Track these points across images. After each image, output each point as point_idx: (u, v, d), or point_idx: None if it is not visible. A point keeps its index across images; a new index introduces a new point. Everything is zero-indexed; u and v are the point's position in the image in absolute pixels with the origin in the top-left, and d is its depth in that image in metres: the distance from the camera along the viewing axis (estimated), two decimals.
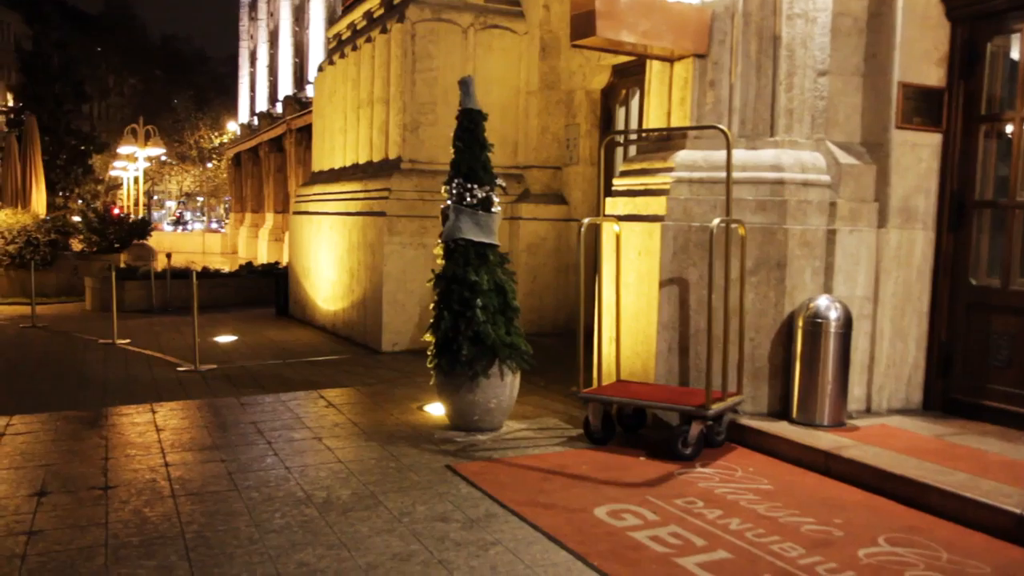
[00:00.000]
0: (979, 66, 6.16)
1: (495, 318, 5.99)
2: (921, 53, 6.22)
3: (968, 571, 3.86)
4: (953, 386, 6.27)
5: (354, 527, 4.30)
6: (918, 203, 6.31)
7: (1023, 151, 5.94)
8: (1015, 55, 6.09)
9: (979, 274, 6.27)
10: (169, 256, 17.36)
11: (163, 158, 40.57)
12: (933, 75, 6.27)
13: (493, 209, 6.13)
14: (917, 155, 6.28)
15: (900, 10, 6.13)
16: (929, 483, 4.64)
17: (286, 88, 31.16)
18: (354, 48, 11.85)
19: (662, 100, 6.73)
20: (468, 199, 6.08)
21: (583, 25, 6.27)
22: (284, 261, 17.89)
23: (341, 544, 4.08)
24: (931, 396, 6.37)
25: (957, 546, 4.13)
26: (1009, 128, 6.08)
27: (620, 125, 9.86)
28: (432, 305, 6.22)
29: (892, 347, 6.26)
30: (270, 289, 14.69)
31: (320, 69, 14.03)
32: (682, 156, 6.31)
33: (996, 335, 5.99)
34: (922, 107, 6.25)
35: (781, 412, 5.98)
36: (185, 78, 52.89)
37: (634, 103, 9.56)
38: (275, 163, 27.63)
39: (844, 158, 6.19)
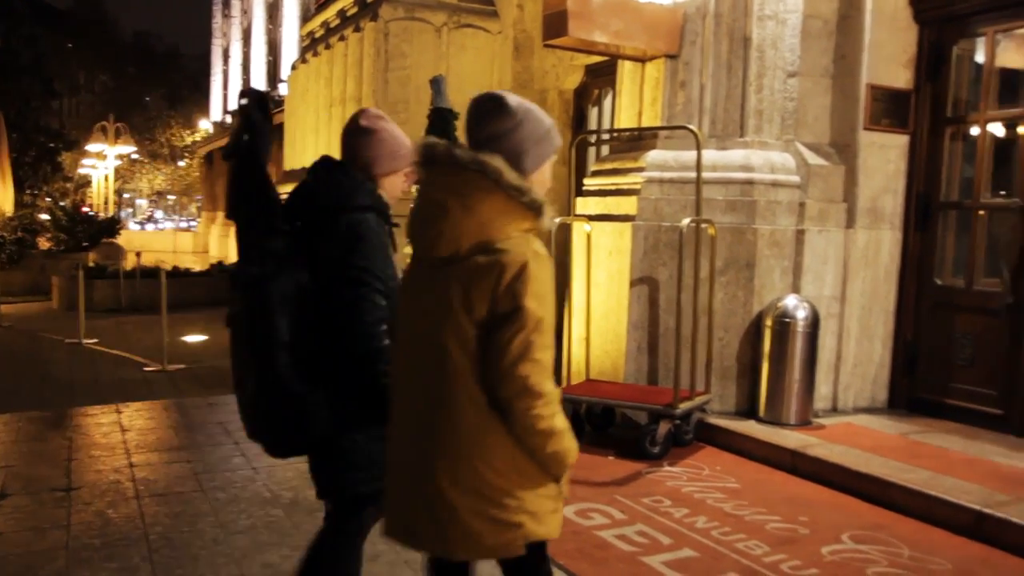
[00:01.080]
0: (945, 69, 6.23)
1: None
2: (889, 55, 6.28)
3: (929, 567, 3.90)
4: (918, 385, 6.34)
5: (320, 527, 4.26)
6: (885, 204, 6.37)
7: (987, 153, 6.02)
8: (980, 58, 6.16)
9: (944, 274, 6.34)
10: (138, 255, 17.17)
11: (134, 156, 40.15)
12: (901, 77, 6.33)
13: None
14: (885, 156, 6.33)
15: (869, 12, 6.18)
16: (893, 481, 4.69)
17: (259, 86, 30.92)
18: (327, 47, 11.80)
19: (633, 100, 6.74)
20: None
21: (555, 25, 6.28)
22: None
23: (307, 545, 4.04)
24: (896, 395, 6.44)
25: (919, 543, 4.17)
26: (974, 130, 6.15)
27: (593, 125, 9.88)
28: None
29: (859, 346, 6.32)
30: None
31: (293, 67, 13.97)
32: (653, 156, 6.33)
33: (960, 334, 6.05)
34: (890, 109, 6.30)
35: (749, 411, 6.02)
36: (157, 75, 52.37)
37: (607, 103, 9.58)
38: None
39: (813, 159, 6.24)
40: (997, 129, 6.16)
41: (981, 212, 6.09)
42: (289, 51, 26.42)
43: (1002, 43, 6.02)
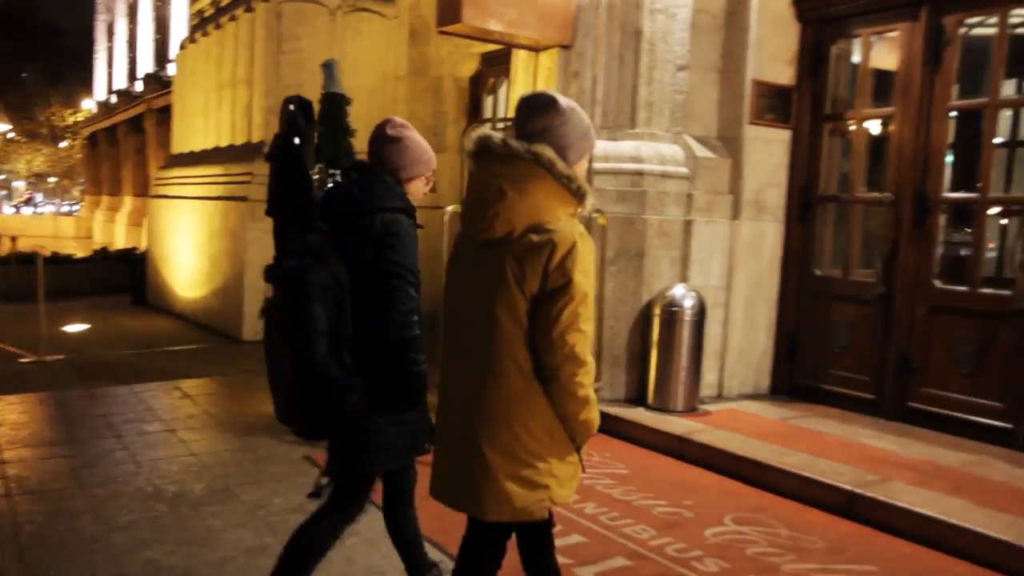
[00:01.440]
0: (824, 67, 6.48)
1: None
2: (773, 52, 6.49)
3: (803, 546, 4.08)
4: (798, 371, 6.60)
5: (206, 522, 4.16)
6: (769, 196, 6.59)
7: (862, 149, 6.30)
8: (856, 59, 6.43)
9: (823, 265, 6.61)
10: (14, 239, 16.34)
11: (10, 135, 38.11)
12: (784, 74, 6.55)
13: None
14: (769, 150, 6.55)
15: (755, 10, 6.37)
16: (773, 464, 4.88)
17: (146, 66, 29.75)
18: (217, 26, 11.43)
19: (527, 89, 6.76)
20: (331, 185, 5.96)
21: (450, 12, 6.26)
22: (142, 246, 17.13)
23: (191, 540, 3.95)
24: (778, 381, 6.69)
25: (796, 523, 4.36)
26: (851, 127, 6.42)
27: (488, 113, 9.89)
28: None
29: (743, 335, 6.53)
30: (127, 276, 14.03)
31: (182, 47, 13.48)
32: None
33: (837, 323, 6.33)
34: (774, 104, 6.52)
35: (638, 398, 6.15)
36: (34, 50, 49.75)
37: (502, 91, 9.60)
38: (134, 144, 26.36)
39: (701, 151, 6.40)
40: (871, 126, 6.46)
41: (857, 206, 6.37)
42: (178, 29, 25.49)
43: (876, 45, 6.30)
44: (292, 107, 2.80)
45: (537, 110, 2.42)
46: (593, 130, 2.51)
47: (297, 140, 2.78)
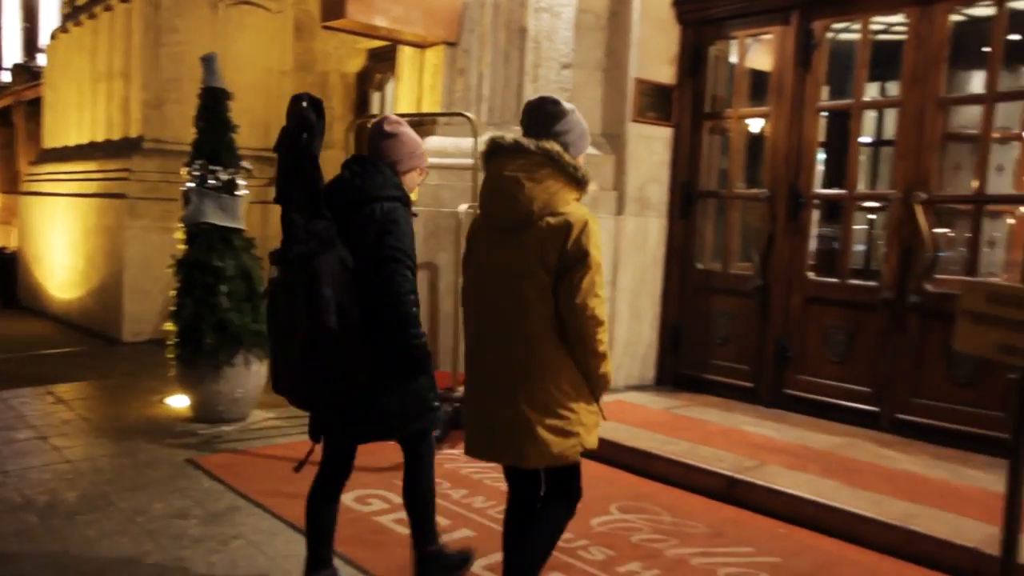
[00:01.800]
0: (703, 67, 6.68)
1: (241, 305, 5.77)
2: (655, 52, 6.64)
3: (686, 531, 4.21)
4: (682, 362, 6.79)
5: (81, 531, 4.00)
6: (652, 192, 6.75)
7: (740, 147, 6.52)
8: (734, 59, 6.66)
9: (704, 259, 6.81)
10: None
11: None
12: (665, 73, 6.72)
13: (237, 192, 5.89)
14: (651, 147, 6.70)
15: (636, 11, 6.50)
16: (657, 453, 5.01)
17: (14, 56, 28.25)
18: (91, 16, 10.95)
19: (413, 86, 6.76)
20: (211, 181, 5.82)
21: (334, 7, 6.19)
22: (13, 246, 16.26)
23: (64, 551, 3.79)
24: (663, 372, 6.87)
25: (679, 509, 4.49)
26: (729, 125, 6.64)
27: (376, 109, 9.80)
28: (174, 292, 5.90)
29: (629, 328, 6.67)
30: None
31: (53, 37, 12.87)
32: (432, 142, 6.36)
33: (717, 315, 6.55)
34: (655, 102, 6.67)
35: None
36: None
37: (389, 88, 9.52)
38: (1, 138, 25.02)
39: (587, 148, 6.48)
40: (749, 124, 6.70)
41: (735, 201, 6.59)
42: (49, 17, 24.28)
43: (752, 47, 6.54)
44: (304, 103, 3.02)
45: (545, 111, 2.82)
46: (588, 132, 2.93)
47: (305, 135, 3.02)
